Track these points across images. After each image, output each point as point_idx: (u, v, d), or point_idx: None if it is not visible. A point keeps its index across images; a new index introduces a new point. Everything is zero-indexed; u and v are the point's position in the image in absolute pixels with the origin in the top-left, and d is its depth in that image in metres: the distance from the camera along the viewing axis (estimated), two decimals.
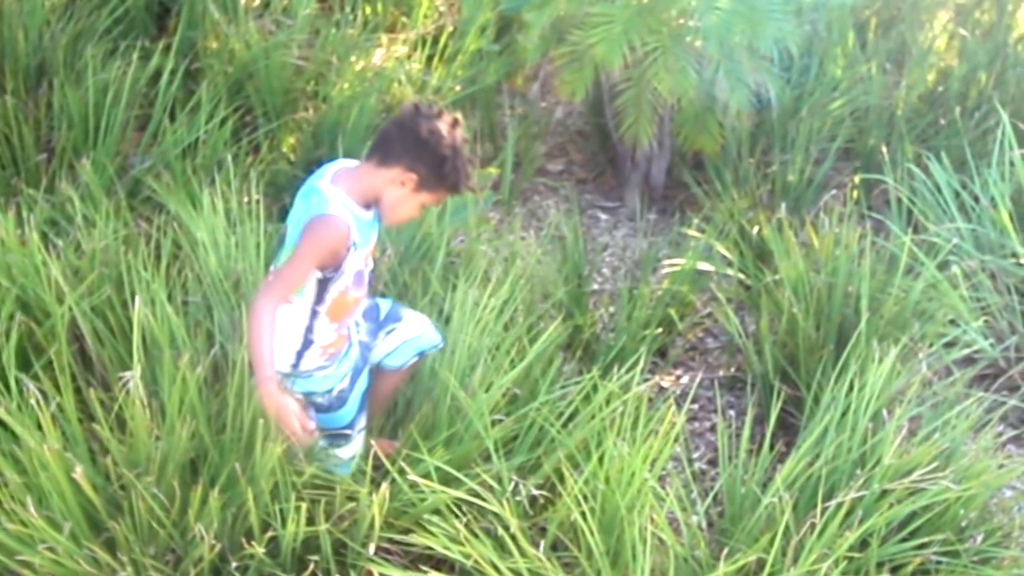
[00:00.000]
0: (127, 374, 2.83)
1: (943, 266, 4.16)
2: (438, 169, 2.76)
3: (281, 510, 2.81)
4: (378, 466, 2.97)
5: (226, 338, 3.25)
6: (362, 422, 3.07)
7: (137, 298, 3.03)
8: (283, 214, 4.24)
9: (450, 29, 5.43)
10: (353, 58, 4.83)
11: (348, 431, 3.03)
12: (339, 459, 3.03)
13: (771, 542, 2.77)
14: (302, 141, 4.60)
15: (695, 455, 3.87)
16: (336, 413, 2.99)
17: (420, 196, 2.81)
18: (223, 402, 2.97)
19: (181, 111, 4.38)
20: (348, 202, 2.76)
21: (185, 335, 3.17)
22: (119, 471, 2.82)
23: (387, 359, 3.16)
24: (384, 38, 5.38)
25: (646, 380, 4.04)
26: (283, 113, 4.60)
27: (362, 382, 3.05)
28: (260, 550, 2.75)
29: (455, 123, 2.80)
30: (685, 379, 4.22)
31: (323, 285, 2.81)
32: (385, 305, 3.19)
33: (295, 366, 2.89)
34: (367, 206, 2.81)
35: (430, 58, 5.25)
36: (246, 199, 3.79)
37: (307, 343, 2.88)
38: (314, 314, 2.85)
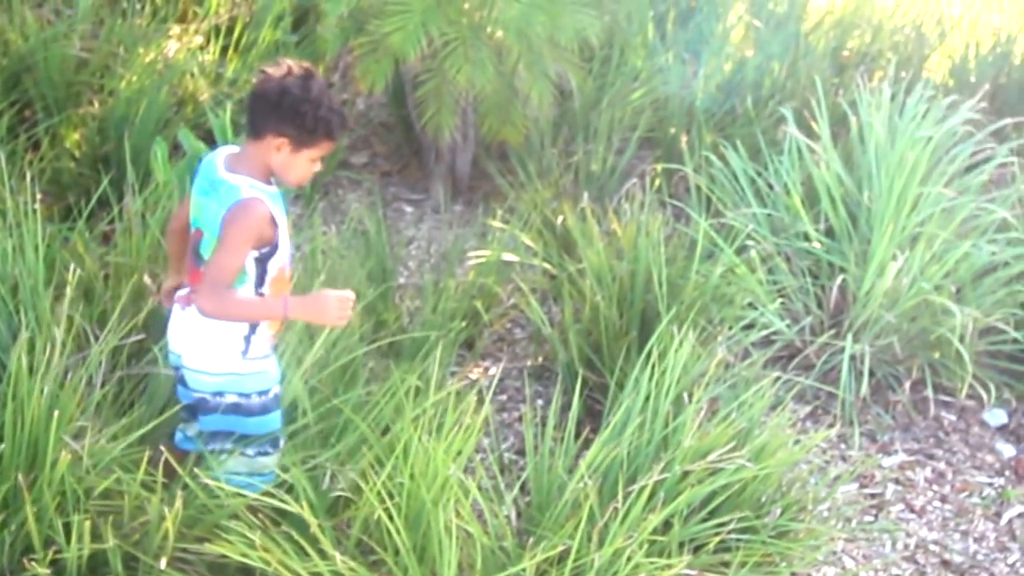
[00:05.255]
0: None
1: (741, 251, 4.27)
2: (301, 125, 2.74)
3: (66, 525, 2.66)
4: (171, 472, 2.84)
5: (2, 347, 3.06)
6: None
7: None
8: (66, 213, 4.03)
9: (245, 19, 5.26)
10: (141, 49, 4.63)
11: (278, 436, 2.97)
12: (265, 467, 2.95)
13: (576, 528, 2.76)
14: (87, 136, 4.37)
15: (504, 446, 3.85)
16: (267, 417, 2.92)
17: (304, 154, 2.78)
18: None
19: None
20: (254, 182, 2.76)
21: None
22: None
23: None
24: (175, 28, 5.18)
25: (453, 373, 4.01)
26: (65, 107, 4.38)
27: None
28: (44, 571, 2.58)
29: (308, 74, 2.78)
30: (493, 370, 4.20)
31: (262, 264, 2.80)
32: None
33: (245, 352, 2.84)
34: (268, 180, 2.80)
35: (224, 49, 5.08)
36: (25, 199, 3.58)
37: (253, 327, 2.84)
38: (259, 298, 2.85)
